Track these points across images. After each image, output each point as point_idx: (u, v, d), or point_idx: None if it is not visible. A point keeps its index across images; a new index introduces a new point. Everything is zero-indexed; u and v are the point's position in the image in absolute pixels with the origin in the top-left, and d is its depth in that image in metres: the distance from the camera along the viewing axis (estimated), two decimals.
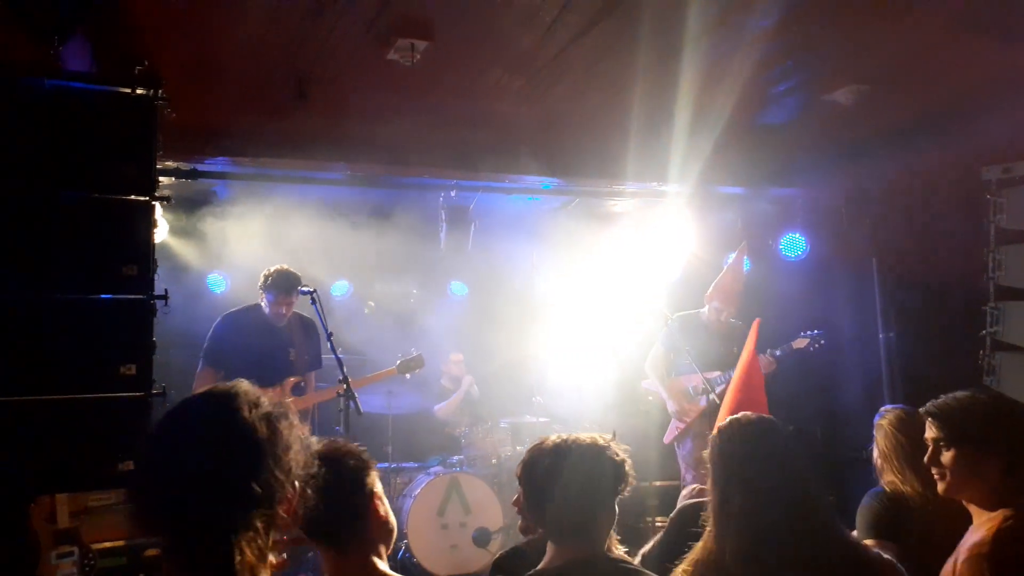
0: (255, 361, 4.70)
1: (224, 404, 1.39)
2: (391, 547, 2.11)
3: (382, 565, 2.04)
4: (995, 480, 2.17)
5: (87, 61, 3.06)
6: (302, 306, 5.04)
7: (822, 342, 5.46)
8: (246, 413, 1.37)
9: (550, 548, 2.13)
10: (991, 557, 2.03)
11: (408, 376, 5.62)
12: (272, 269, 4.95)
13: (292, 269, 4.96)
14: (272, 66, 4.30)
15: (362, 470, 2.06)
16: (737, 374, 3.94)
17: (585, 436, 2.17)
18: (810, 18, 3.90)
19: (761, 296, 5.95)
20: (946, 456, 2.25)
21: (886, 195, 5.94)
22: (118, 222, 2.43)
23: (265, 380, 4.65)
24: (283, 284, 4.90)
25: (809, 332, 5.50)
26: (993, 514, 2.14)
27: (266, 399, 1.43)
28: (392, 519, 2.10)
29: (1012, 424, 2.19)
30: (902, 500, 2.75)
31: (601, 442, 2.14)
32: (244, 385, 1.43)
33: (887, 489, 2.82)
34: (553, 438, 2.18)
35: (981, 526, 2.15)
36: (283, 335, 5.07)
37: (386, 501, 2.10)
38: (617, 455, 2.13)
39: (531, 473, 2.14)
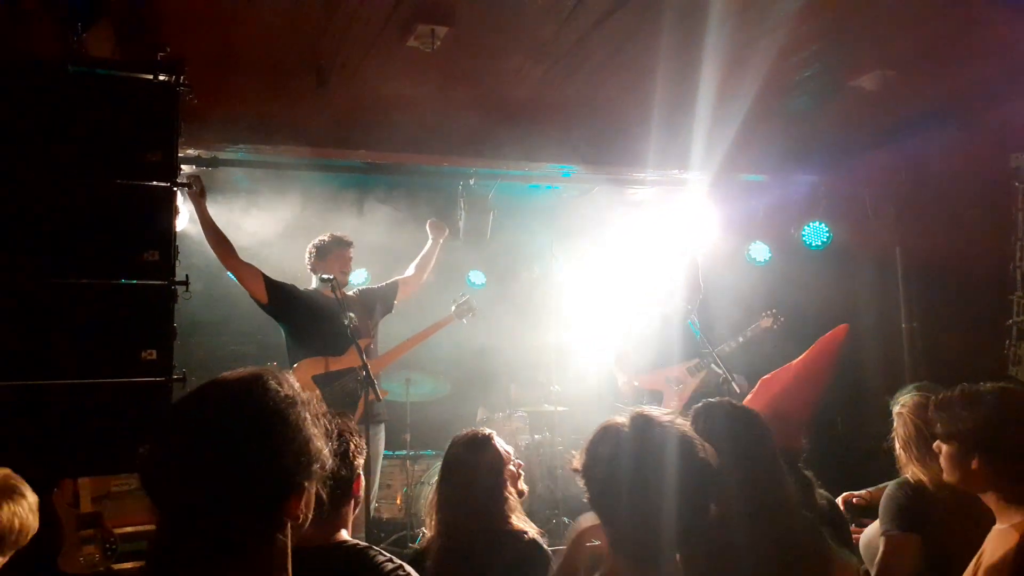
0: (319, 331, 4.68)
1: (258, 390, 1.35)
2: None
3: (345, 534, 2.13)
4: (990, 483, 2.12)
5: (110, 49, 3.07)
6: None
7: (781, 319, 5.48)
8: (277, 399, 1.34)
9: None
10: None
11: (465, 321, 5.54)
12: (316, 241, 4.92)
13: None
14: (292, 54, 4.29)
15: (357, 449, 2.10)
16: (802, 368, 3.80)
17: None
18: (836, 2, 3.84)
19: (783, 285, 5.91)
20: (943, 450, 2.21)
21: (911, 183, 5.85)
22: (140, 208, 2.44)
23: (331, 348, 4.67)
24: (338, 239, 4.91)
25: (769, 311, 5.53)
26: (1016, 520, 2.07)
27: (294, 384, 1.41)
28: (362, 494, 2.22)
29: (1008, 427, 2.12)
30: (925, 490, 2.70)
31: None
32: (271, 371, 1.40)
33: (910, 479, 2.77)
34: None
35: (1003, 535, 2.09)
36: (335, 307, 4.98)
37: (363, 477, 2.21)
38: None
39: None
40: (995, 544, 2.06)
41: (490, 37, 4.22)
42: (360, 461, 2.17)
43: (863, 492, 3.49)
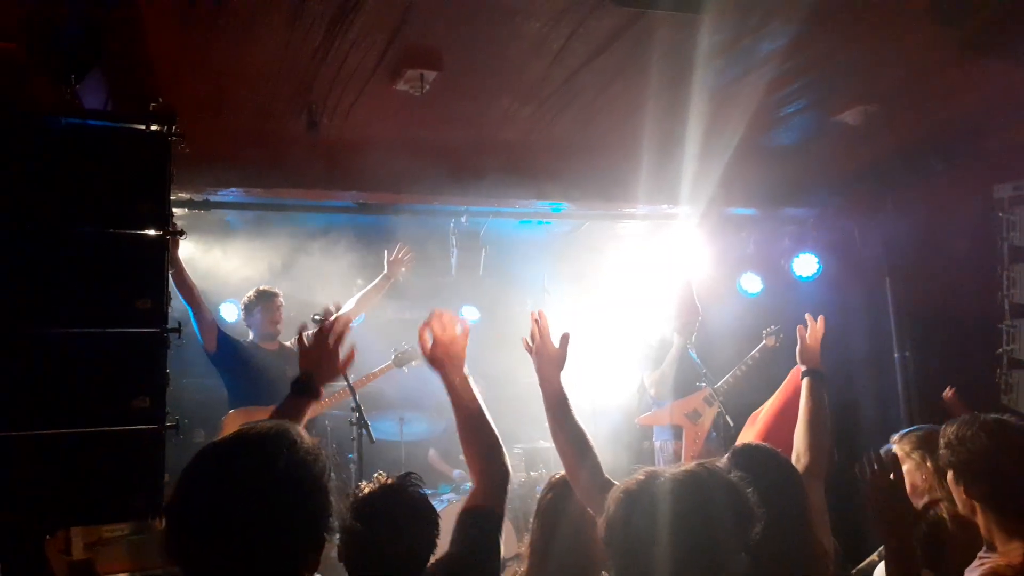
0: (252, 386, 4.75)
1: (290, 440, 1.34)
2: None
3: None
4: (979, 512, 2.15)
5: (103, 99, 3.11)
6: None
7: (782, 335, 5.48)
8: (306, 449, 1.34)
9: None
10: None
11: (406, 369, 5.57)
12: (250, 292, 5.14)
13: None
14: (282, 98, 4.34)
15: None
16: (774, 407, 3.89)
17: None
18: (819, 40, 3.92)
19: (775, 317, 5.93)
20: (948, 477, 2.26)
21: (898, 215, 5.92)
22: (132, 257, 2.46)
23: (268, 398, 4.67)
24: (266, 291, 5.08)
25: (771, 329, 5.54)
26: (1002, 550, 2.09)
27: (309, 437, 1.40)
28: None
29: (998, 462, 2.15)
30: (940, 525, 2.70)
31: None
32: (294, 425, 1.41)
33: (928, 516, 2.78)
34: None
35: (981, 561, 2.11)
36: (281, 358, 5.09)
37: None
38: None
39: None
40: (975, 573, 2.09)
41: (478, 80, 4.29)
42: None
43: None
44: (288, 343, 5.16)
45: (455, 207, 5.92)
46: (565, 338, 2.59)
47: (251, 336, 5.13)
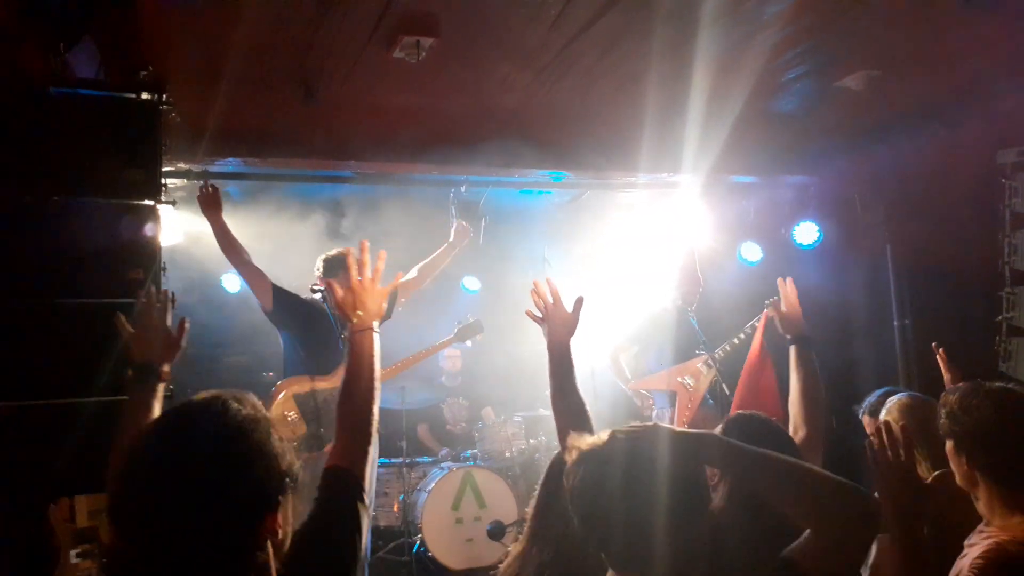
0: (313, 347, 4.66)
1: (217, 411, 1.35)
2: None
3: None
4: (979, 484, 2.12)
5: (93, 68, 3.08)
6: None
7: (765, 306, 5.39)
8: (239, 418, 1.35)
9: None
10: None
11: (469, 344, 5.51)
12: (330, 253, 4.82)
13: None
14: (278, 68, 4.31)
15: None
16: (744, 371, 3.88)
17: None
18: (822, 3, 3.87)
19: (774, 286, 5.91)
20: (947, 446, 2.23)
21: (900, 181, 5.87)
22: (124, 226, 2.46)
23: (322, 367, 4.62)
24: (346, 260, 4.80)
25: (770, 300, 5.48)
26: (1001, 524, 2.07)
27: (256, 403, 1.41)
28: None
29: (1003, 433, 2.11)
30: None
31: None
32: (230, 393, 1.40)
33: None
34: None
35: (984, 539, 2.08)
36: (335, 323, 4.96)
37: None
38: None
39: None
40: (977, 547, 2.07)
41: (475, 46, 4.24)
42: None
43: None
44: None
45: (455, 176, 5.89)
46: (579, 302, 2.57)
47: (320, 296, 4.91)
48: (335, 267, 4.64)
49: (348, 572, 1.60)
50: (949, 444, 2.22)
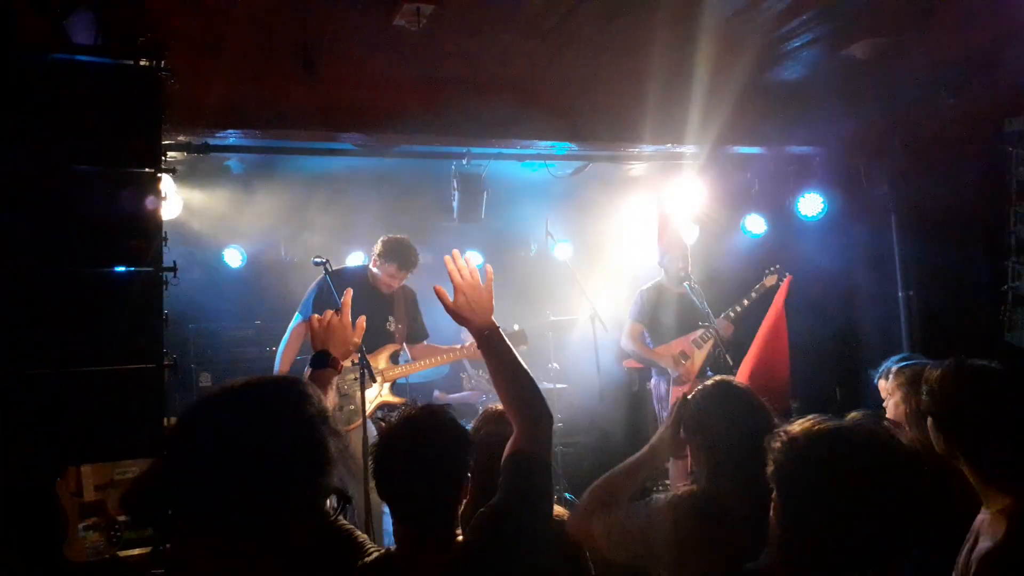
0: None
1: (290, 395, 1.37)
2: None
3: None
4: (963, 461, 2.08)
5: (92, 35, 3.04)
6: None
7: (787, 275, 5.42)
8: (313, 408, 1.36)
9: None
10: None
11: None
12: (395, 237, 4.80)
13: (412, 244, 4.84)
14: (278, 38, 4.26)
15: None
16: (760, 337, 3.86)
17: None
18: None
19: (779, 256, 5.90)
20: (928, 423, 2.19)
21: (905, 151, 5.83)
22: (124, 195, 2.44)
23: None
24: (407, 257, 4.76)
25: (772, 268, 5.51)
26: (1002, 505, 2.02)
27: (323, 397, 1.43)
28: None
29: (980, 416, 2.06)
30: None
31: None
32: (303, 381, 1.44)
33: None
34: None
35: (992, 522, 2.03)
36: (386, 303, 4.91)
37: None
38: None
39: None
40: (985, 532, 2.03)
41: (477, 14, 4.19)
42: None
43: None
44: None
45: (456, 148, 5.84)
46: (488, 272, 2.17)
47: (375, 271, 4.85)
48: (393, 253, 4.75)
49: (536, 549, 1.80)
50: (930, 421, 2.16)
